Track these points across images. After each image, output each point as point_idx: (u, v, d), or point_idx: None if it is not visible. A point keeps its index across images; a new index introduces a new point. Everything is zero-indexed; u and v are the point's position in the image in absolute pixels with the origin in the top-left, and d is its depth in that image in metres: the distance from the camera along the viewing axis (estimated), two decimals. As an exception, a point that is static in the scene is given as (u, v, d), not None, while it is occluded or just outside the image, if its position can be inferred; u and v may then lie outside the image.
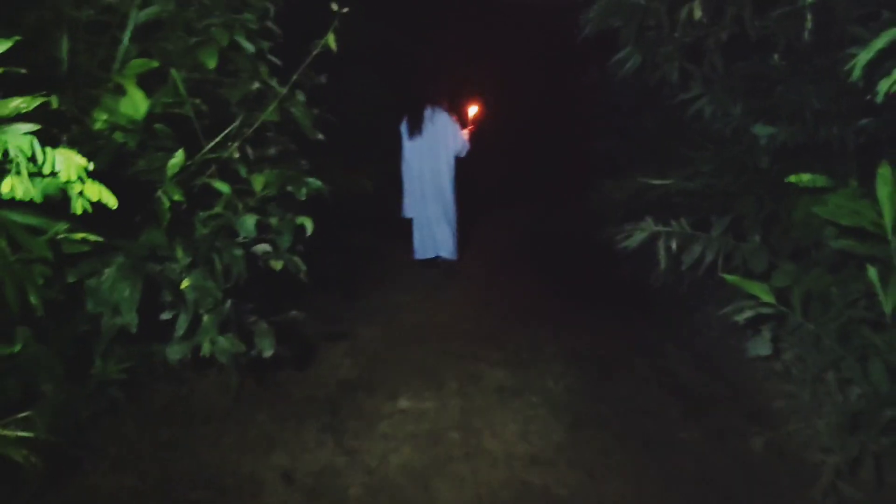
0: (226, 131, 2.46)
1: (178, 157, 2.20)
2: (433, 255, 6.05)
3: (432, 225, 6.00)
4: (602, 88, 6.82)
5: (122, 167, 2.32)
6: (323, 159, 5.91)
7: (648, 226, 3.53)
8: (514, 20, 9.64)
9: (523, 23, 9.40)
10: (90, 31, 2.77)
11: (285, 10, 3.43)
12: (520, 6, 6.16)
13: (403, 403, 3.18)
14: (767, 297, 2.77)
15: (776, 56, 3.00)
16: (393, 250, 6.67)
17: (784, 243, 3.46)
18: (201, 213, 2.54)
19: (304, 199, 2.45)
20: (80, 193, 1.59)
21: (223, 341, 2.48)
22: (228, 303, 2.42)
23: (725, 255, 3.51)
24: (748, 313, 2.86)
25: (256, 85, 3.00)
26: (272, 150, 3.52)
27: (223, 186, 2.43)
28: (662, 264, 3.54)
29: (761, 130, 3.22)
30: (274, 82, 3.09)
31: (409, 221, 6.25)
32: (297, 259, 2.71)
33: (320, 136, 3.50)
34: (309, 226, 2.64)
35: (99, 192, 1.59)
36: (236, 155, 2.54)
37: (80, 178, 1.53)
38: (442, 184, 5.91)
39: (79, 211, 1.62)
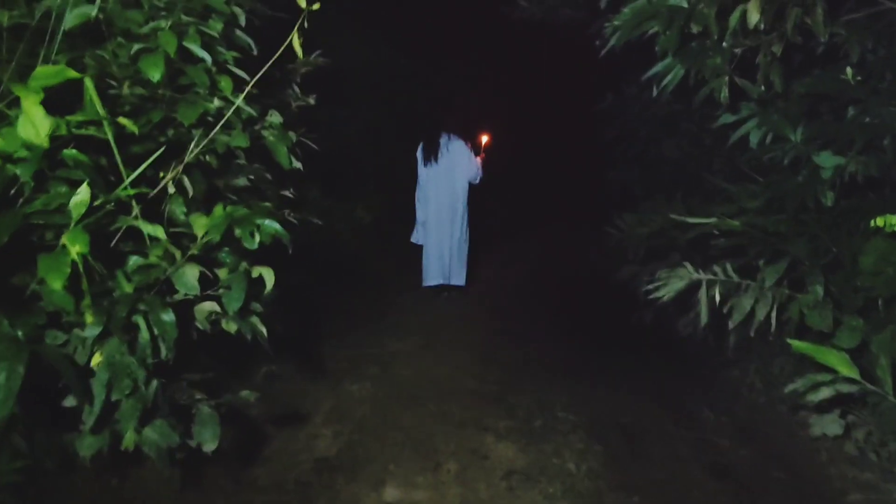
0: (150, 159, 1.89)
1: (83, 195, 1.64)
2: (442, 283, 5.97)
3: (444, 253, 5.93)
4: (618, 115, 6.36)
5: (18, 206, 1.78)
6: (312, 190, 5.39)
7: (687, 272, 2.97)
8: (526, 43, 9.21)
9: (536, 46, 8.97)
10: (15, 36, 2.25)
11: (270, 23, 2.93)
12: (532, 27, 5.73)
13: (391, 493, 2.58)
14: (849, 371, 2.18)
15: (849, 70, 2.45)
16: (388, 288, 6.12)
17: (849, 295, 2.89)
18: (130, 263, 1.98)
19: (254, 248, 1.89)
20: None
21: (150, 432, 1.92)
22: (155, 384, 1.86)
23: (778, 309, 2.96)
24: (825, 393, 2.25)
25: (217, 103, 2.45)
26: (242, 181, 3.01)
27: (153, 229, 1.87)
28: (704, 318, 2.98)
29: (826, 160, 2.67)
30: (240, 100, 2.54)
31: (407, 253, 6.16)
32: (254, 320, 2.16)
33: (298, 165, 2.97)
34: (269, 279, 2.08)
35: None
36: (172, 190, 1.98)
37: None
38: (457, 211, 5.88)
39: None
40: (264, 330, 2.16)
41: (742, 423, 3.27)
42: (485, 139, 6.24)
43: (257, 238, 1.89)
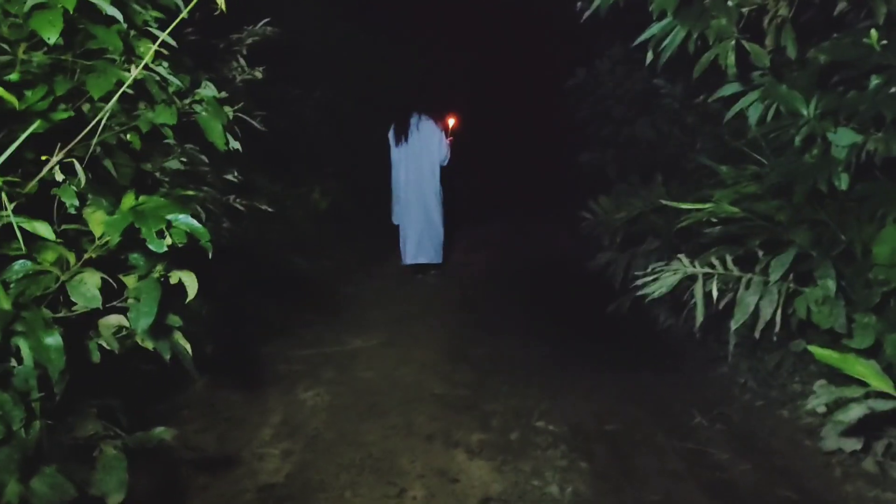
0: (21, 137, 1.47)
1: (-75, 183, 1.24)
2: (418, 261, 6.07)
3: (415, 231, 6.01)
4: (590, 92, 6.04)
5: None
6: (261, 174, 4.95)
7: (682, 266, 2.64)
8: (495, 17, 8.84)
9: (505, 20, 8.59)
10: None
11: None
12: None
13: (347, 530, 2.22)
14: (883, 385, 1.85)
15: (874, 33, 2.11)
16: (348, 278, 5.74)
17: (861, 290, 2.59)
18: (13, 269, 1.57)
19: (162, 251, 1.49)
20: None
21: (39, 484, 1.52)
22: (37, 425, 1.46)
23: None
24: (857, 411, 1.94)
25: (133, 72, 2.02)
26: (174, 163, 2.62)
27: (34, 226, 1.46)
28: (700, 316, 2.66)
29: (842, 138, 2.34)
30: (164, 69, 2.11)
31: (369, 240, 6.43)
32: (177, 337, 1.76)
33: (236, 145, 2.55)
34: (191, 285, 1.68)
35: None
36: (60, 177, 1.56)
37: None
38: (426, 191, 5.97)
39: None
40: (188, 347, 1.77)
41: (739, 431, 2.95)
42: (452, 121, 6.29)
43: (167, 239, 1.49)
